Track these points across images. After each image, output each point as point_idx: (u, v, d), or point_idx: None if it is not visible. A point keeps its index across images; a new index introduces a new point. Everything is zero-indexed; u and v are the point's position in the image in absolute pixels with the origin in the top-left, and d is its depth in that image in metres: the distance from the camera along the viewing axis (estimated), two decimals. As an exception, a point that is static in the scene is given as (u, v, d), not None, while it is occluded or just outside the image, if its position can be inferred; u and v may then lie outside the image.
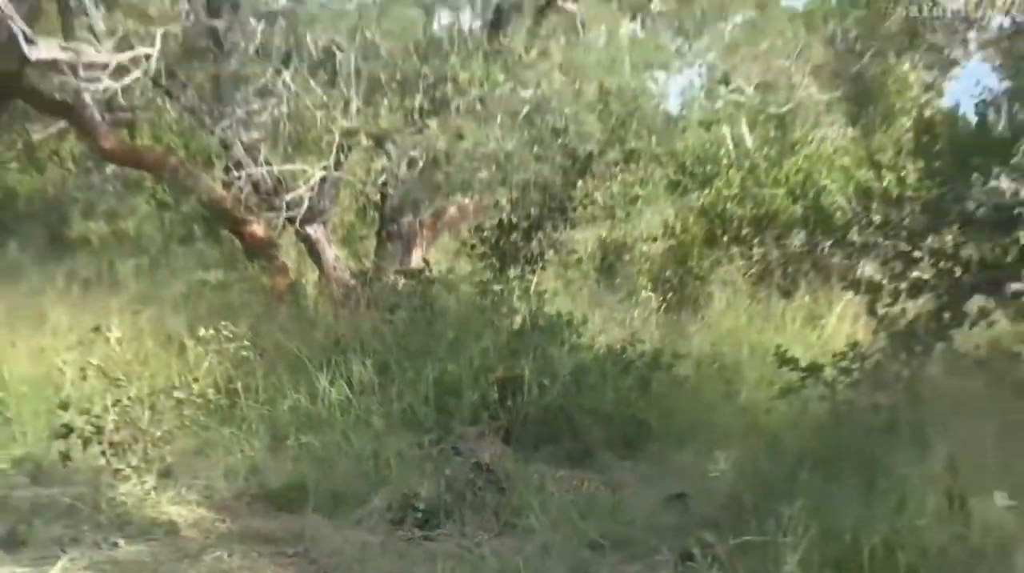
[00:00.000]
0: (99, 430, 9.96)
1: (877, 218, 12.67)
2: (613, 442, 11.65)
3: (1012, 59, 19.26)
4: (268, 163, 15.35)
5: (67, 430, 10.04)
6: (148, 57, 14.03)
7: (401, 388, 11.75)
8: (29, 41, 13.83)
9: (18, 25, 13.80)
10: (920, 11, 18.26)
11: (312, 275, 16.79)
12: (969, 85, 21.07)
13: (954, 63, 22.12)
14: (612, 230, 19.87)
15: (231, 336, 11.90)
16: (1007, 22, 19.35)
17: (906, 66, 24.01)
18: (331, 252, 16.24)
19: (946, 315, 11.80)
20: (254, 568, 8.47)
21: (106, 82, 13.86)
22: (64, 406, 10.31)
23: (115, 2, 16.77)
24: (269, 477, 10.41)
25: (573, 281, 18.21)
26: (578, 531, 9.08)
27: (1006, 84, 20.12)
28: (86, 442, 10.00)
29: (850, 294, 14.49)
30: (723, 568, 7.58)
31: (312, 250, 16.27)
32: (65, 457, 10.10)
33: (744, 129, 23.13)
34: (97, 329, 11.36)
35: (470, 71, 13.88)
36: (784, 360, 11.92)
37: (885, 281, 12.36)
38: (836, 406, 11.28)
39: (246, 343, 12.00)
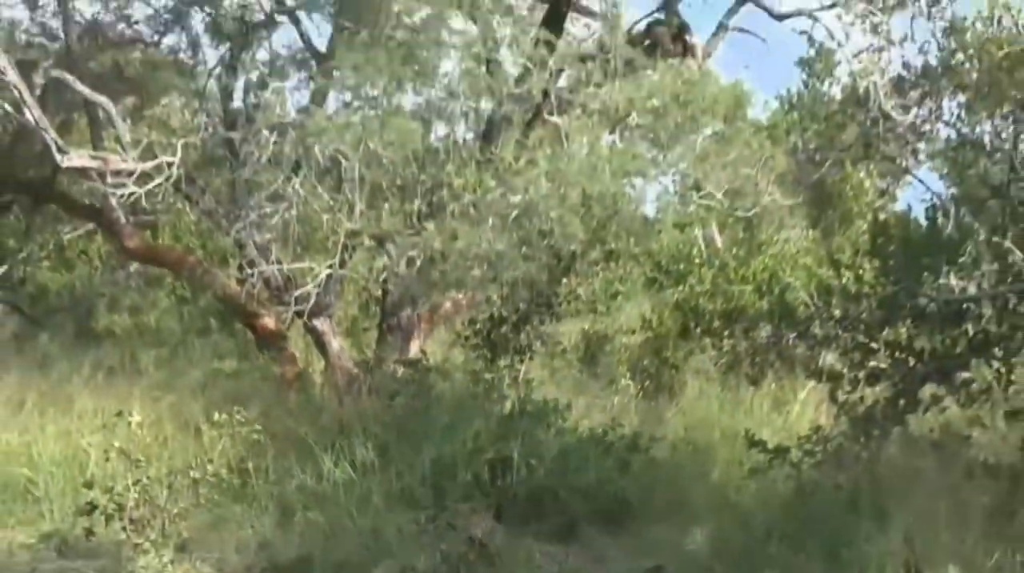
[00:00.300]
0: (121, 507, 9.89)
1: (837, 312, 12.70)
2: (596, 518, 11.57)
3: (958, 168, 19.40)
4: (279, 262, 15.38)
5: (91, 507, 9.97)
6: (170, 165, 14.09)
7: (400, 469, 11.68)
8: (61, 151, 13.89)
9: (51, 136, 13.87)
10: (874, 124, 18.36)
11: (319, 364, 16.74)
12: (920, 191, 21.22)
13: (906, 171, 22.25)
14: (594, 323, 19.86)
15: (243, 421, 11.82)
16: (953, 134, 19.53)
17: (862, 174, 24.15)
18: (336, 343, 16.21)
19: (901, 401, 11.81)
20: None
21: (131, 187, 13.90)
22: (89, 485, 10.26)
23: (140, 115, 16.92)
24: (278, 551, 10.33)
25: (558, 370, 18.17)
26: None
27: (953, 191, 20.29)
28: (108, 518, 9.93)
29: (813, 382, 14.49)
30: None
31: (319, 341, 16.24)
32: (89, 532, 10.04)
33: (715, 231, 23.22)
34: (120, 414, 11.30)
35: (464, 178, 13.92)
36: (753, 443, 11.90)
37: (845, 370, 12.38)
38: (801, 485, 11.26)
39: (257, 427, 11.91)
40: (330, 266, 14.22)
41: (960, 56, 18.54)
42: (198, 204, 16.29)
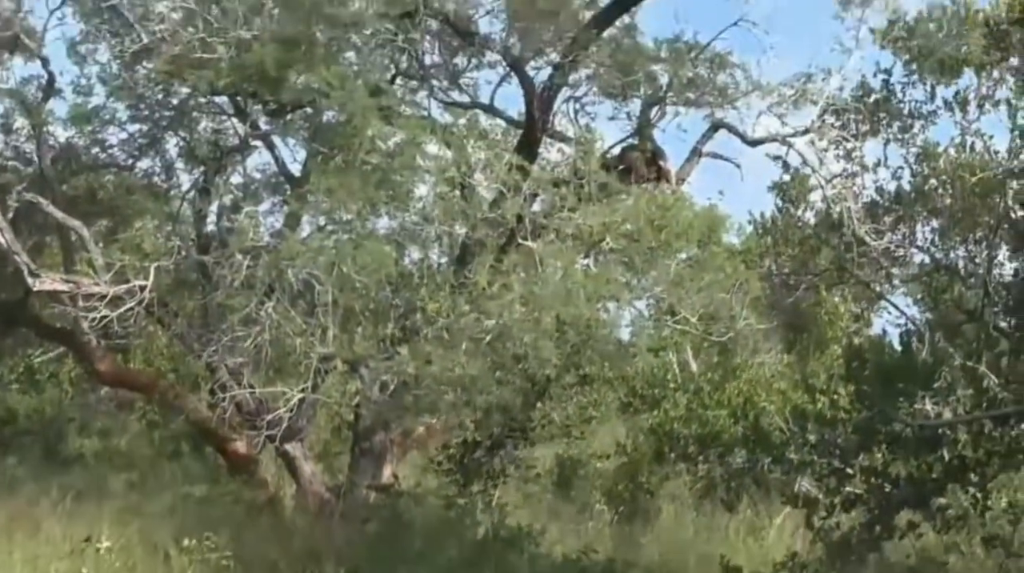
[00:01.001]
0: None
1: (812, 438, 12.72)
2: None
3: (932, 293, 19.50)
4: (251, 386, 15.37)
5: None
6: (142, 289, 14.11)
7: (372, 596, 11.59)
8: (33, 274, 13.93)
9: (23, 259, 13.90)
10: (848, 249, 18.50)
11: (290, 489, 16.65)
12: (894, 316, 21.32)
13: (880, 296, 22.36)
14: (568, 448, 19.83)
15: (214, 546, 11.74)
16: (927, 259, 19.66)
17: (836, 299, 24.26)
18: (308, 468, 16.14)
19: (877, 527, 11.80)
20: None
21: (103, 311, 13.91)
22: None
23: (113, 239, 16.96)
24: None
25: (532, 495, 18.11)
26: None
27: (927, 316, 20.37)
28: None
29: (789, 507, 14.46)
30: None
31: (290, 466, 16.17)
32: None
33: (689, 356, 23.28)
34: (88, 539, 11.22)
35: (437, 302, 13.96)
36: (728, 569, 11.85)
37: (821, 496, 12.38)
38: (777, 613, 11.19)
39: (227, 553, 11.82)
40: (303, 390, 14.18)
41: (933, 182, 18.72)
42: (170, 328, 16.31)
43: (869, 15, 17.01)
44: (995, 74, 17.86)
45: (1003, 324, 15.03)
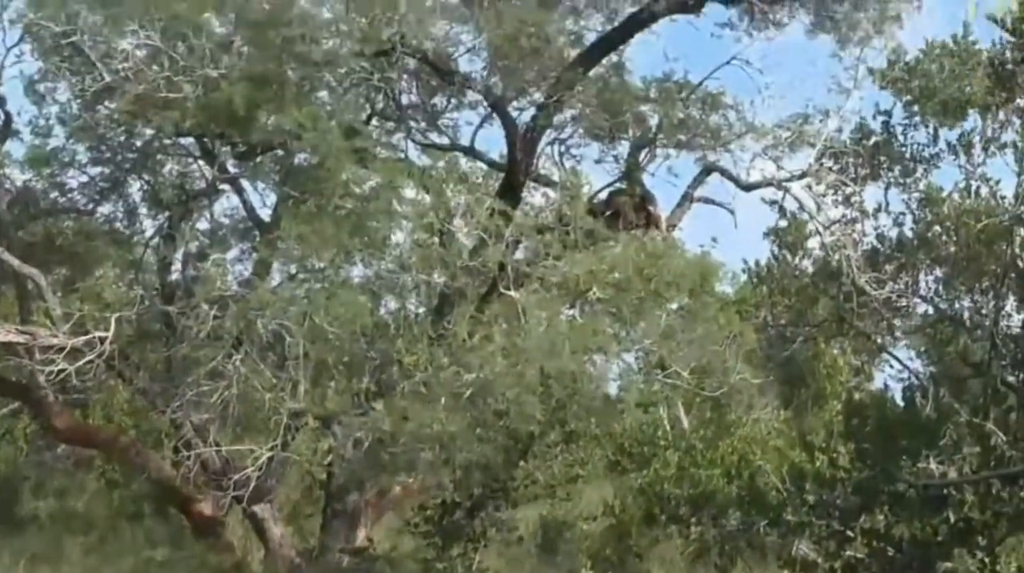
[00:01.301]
0: None
1: (811, 498, 12.71)
2: None
3: (936, 345, 19.51)
4: (217, 443, 15.32)
5: None
6: (103, 340, 14.08)
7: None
8: (-14, 325, 13.88)
9: (-25, 309, 13.86)
10: (847, 299, 18.52)
11: (258, 553, 16.57)
12: (896, 370, 21.32)
13: (881, 349, 22.37)
14: (553, 509, 19.74)
15: (176, 614, 11.67)
16: (931, 310, 19.68)
17: (835, 351, 24.30)
18: (277, 530, 16.07)
19: (880, 594, 11.76)
20: None
21: (61, 364, 13.87)
22: None
23: (72, 287, 16.94)
24: None
25: (515, 559, 18.01)
26: None
27: (931, 369, 20.39)
28: None
29: (786, 572, 14.40)
30: None
31: (259, 528, 16.10)
32: None
33: (680, 411, 23.24)
34: (43, 608, 11.14)
35: (415, 355, 13.95)
36: (723, 638, 11.78)
37: (820, 560, 12.35)
38: None
39: (191, 621, 11.75)
40: (272, 448, 14.14)
41: (937, 228, 18.76)
42: (132, 382, 16.27)
43: (868, 54, 17.14)
44: (1000, 116, 17.91)
45: (1011, 378, 15.06)
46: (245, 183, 16.85)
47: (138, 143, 16.90)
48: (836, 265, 17.76)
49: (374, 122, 16.72)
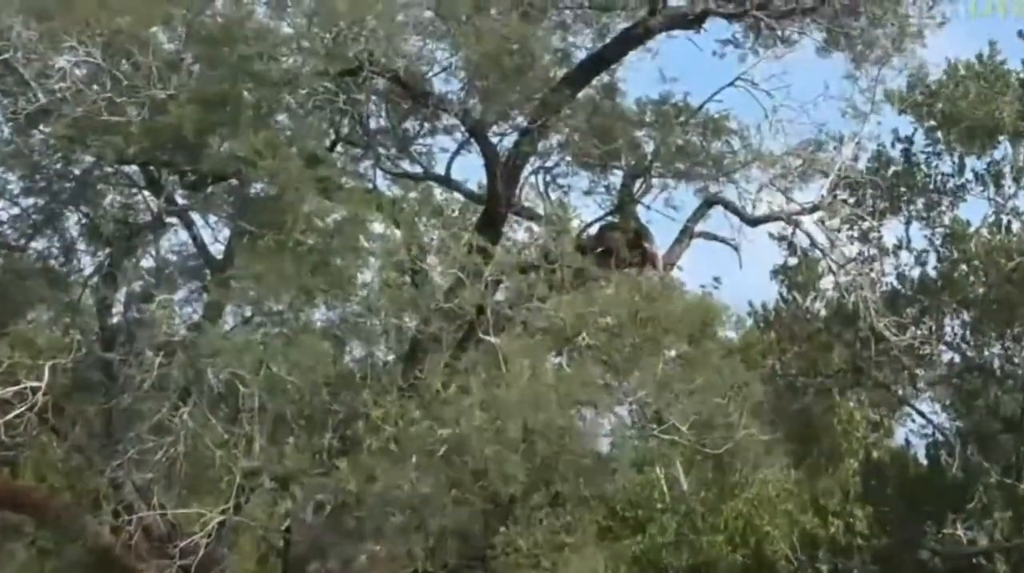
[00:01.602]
0: None
1: (824, 568, 12.71)
2: None
3: (963, 398, 19.51)
4: (162, 506, 15.24)
5: None
6: (35, 391, 14.03)
7: None
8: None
9: None
10: (864, 346, 18.56)
11: (207, 631, 16.47)
12: (919, 425, 21.32)
13: (902, 401, 22.38)
14: (538, 580, 19.72)
15: None
16: (957, 358, 19.70)
17: (851, 404, 24.30)
18: (229, 605, 16.01)
19: (902, 674, 11.76)
20: None
21: (-13, 418, 13.83)
22: None
23: (1, 332, 16.86)
24: None
25: (495, 637, 17.97)
26: None
27: (958, 424, 20.41)
28: None
29: (797, 650, 14.40)
30: None
31: (208, 602, 16.02)
32: None
33: (679, 471, 23.20)
34: None
35: (384, 407, 13.93)
36: None
37: (835, 637, 12.33)
38: None
39: None
40: (223, 512, 14.10)
41: (963, 267, 18.82)
42: (67, 437, 16.20)
43: (886, 74, 17.18)
44: (1034, 143, 18.00)
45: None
46: (195, 216, 16.84)
47: (76, 171, 16.86)
48: (852, 308, 17.80)
49: (339, 148, 16.76)
